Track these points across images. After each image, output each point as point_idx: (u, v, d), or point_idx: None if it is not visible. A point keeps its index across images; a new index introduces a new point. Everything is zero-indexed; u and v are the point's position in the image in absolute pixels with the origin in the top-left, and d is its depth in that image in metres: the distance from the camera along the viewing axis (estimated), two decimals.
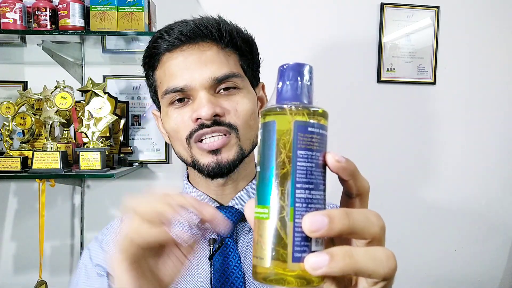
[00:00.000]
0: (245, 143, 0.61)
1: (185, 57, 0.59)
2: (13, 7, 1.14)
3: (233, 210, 0.62)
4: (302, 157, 0.29)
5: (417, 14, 1.55)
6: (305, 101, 0.31)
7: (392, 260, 0.29)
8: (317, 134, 0.30)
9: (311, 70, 0.32)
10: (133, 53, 1.44)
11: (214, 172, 0.59)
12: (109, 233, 0.68)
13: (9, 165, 1.16)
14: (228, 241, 0.60)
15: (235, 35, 0.62)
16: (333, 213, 0.27)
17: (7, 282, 1.46)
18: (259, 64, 0.69)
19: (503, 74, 1.61)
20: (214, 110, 0.57)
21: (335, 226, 0.27)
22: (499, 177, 1.63)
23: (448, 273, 1.62)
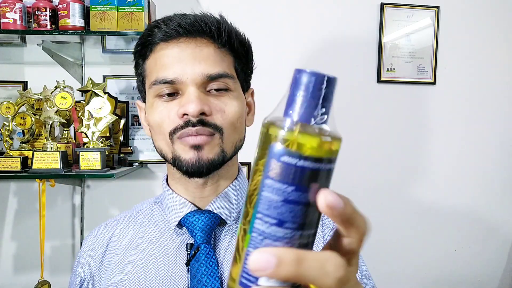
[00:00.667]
0: (228, 145, 0.59)
1: (180, 49, 0.57)
2: (13, 7, 1.14)
3: (210, 215, 0.60)
4: (268, 186, 0.25)
5: (417, 14, 1.55)
6: (311, 120, 0.25)
7: (341, 271, 0.25)
8: (296, 167, 0.25)
9: (331, 82, 0.25)
10: None
11: (193, 169, 0.57)
12: (82, 251, 0.67)
13: (9, 165, 1.16)
14: (204, 246, 0.59)
15: (233, 37, 0.61)
16: (284, 256, 0.24)
17: (7, 282, 1.46)
18: (252, 69, 0.68)
19: (503, 74, 1.61)
20: (201, 107, 0.55)
21: (281, 271, 0.24)
22: (499, 177, 1.63)
23: (448, 273, 1.63)
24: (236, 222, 0.63)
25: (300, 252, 0.25)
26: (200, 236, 0.59)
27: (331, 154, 0.25)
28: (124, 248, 0.64)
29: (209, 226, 0.60)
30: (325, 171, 0.25)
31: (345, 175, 1.54)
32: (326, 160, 0.25)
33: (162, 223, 0.65)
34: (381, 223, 1.57)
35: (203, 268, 0.57)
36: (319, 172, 0.25)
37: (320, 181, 0.25)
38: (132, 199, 1.48)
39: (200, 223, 0.59)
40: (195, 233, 0.59)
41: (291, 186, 0.25)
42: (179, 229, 0.62)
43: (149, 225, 0.65)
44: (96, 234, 0.67)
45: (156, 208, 0.68)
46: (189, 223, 0.60)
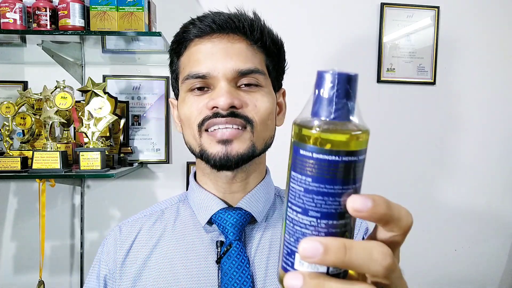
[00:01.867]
0: (259, 141, 0.59)
1: (213, 45, 0.58)
2: (13, 7, 1.14)
3: (242, 212, 0.60)
4: (293, 177, 0.28)
5: (417, 14, 1.55)
6: (335, 117, 0.27)
7: (388, 259, 0.26)
8: (314, 160, 0.27)
9: (352, 80, 0.27)
10: (133, 53, 1.44)
11: (221, 162, 0.57)
12: (105, 247, 0.66)
13: (9, 165, 1.16)
14: (237, 244, 0.58)
15: (266, 34, 0.61)
16: (330, 244, 0.25)
17: (7, 282, 1.46)
18: (284, 69, 0.68)
19: (503, 74, 1.61)
20: (232, 101, 0.55)
21: (328, 258, 0.25)
22: (499, 177, 1.63)
23: (448, 273, 1.63)
24: (265, 221, 0.63)
25: (346, 240, 0.26)
26: (233, 233, 0.59)
27: (347, 147, 0.26)
28: (151, 247, 0.63)
29: (241, 223, 0.59)
30: (342, 163, 0.26)
31: None
32: (341, 153, 0.26)
33: (190, 220, 0.64)
34: None
35: (235, 266, 0.57)
36: (336, 164, 0.26)
37: (338, 173, 0.27)
38: (132, 199, 1.48)
39: (232, 220, 0.59)
40: (227, 230, 0.59)
41: (308, 177, 0.27)
42: (208, 226, 0.62)
43: (176, 223, 0.65)
44: (119, 231, 0.66)
45: (182, 206, 0.67)
46: (220, 219, 0.60)
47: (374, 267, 0.26)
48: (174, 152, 1.50)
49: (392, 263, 0.26)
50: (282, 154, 0.86)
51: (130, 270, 0.62)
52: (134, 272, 0.62)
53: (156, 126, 1.47)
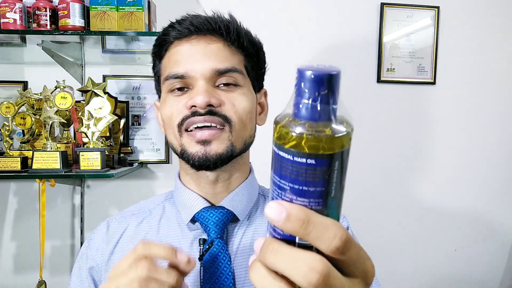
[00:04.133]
0: (238, 140, 0.60)
1: (191, 46, 0.60)
2: (13, 7, 1.14)
3: (224, 211, 0.61)
4: (272, 177, 0.29)
5: (417, 14, 1.55)
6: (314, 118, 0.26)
7: (312, 275, 0.26)
8: (289, 161, 0.27)
9: (332, 79, 0.26)
10: (133, 53, 1.44)
11: (200, 162, 0.58)
12: (93, 241, 0.67)
13: (9, 165, 1.16)
14: (218, 241, 0.59)
15: (242, 35, 0.63)
16: (293, 212, 0.27)
17: (7, 282, 1.46)
18: (264, 70, 0.70)
19: (503, 74, 1.61)
20: (209, 99, 0.57)
21: (288, 225, 0.26)
22: (499, 177, 1.63)
23: (448, 273, 1.63)
24: (247, 219, 0.65)
25: (309, 213, 0.27)
26: (214, 231, 0.60)
27: (323, 150, 0.26)
28: (136, 243, 0.64)
29: (223, 221, 0.61)
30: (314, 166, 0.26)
31: None
32: (316, 156, 0.26)
33: (174, 218, 0.65)
34: (381, 223, 1.57)
35: (216, 263, 0.58)
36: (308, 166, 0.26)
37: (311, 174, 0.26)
38: (132, 199, 1.47)
39: (214, 218, 0.60)
40: (209, 228, 0.60)
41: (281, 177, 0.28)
42: (192, 225, 0.63)
43: (161, 221, 0.66)
44: (107, 227, 0.68)
45: (167, 204, 0.69)
46: (203, 218, 0.61)
47: (324, 244, 0.27)
48: (174, 152, 1.49)
49: (342, 245, 0.27)
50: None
51: None
52: None
53: (156, 126, 1.47)
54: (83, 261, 0.66)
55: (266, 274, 0.28)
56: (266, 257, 0.28)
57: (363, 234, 1.01)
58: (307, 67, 0.26)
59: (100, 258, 0.65)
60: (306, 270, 0.26)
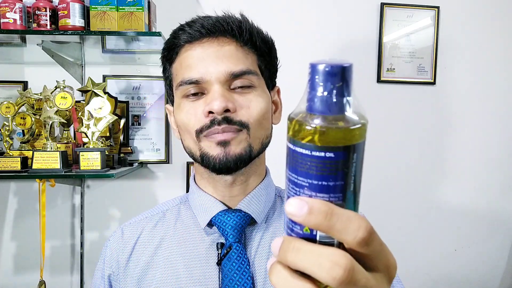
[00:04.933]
0: (255, 141, 0.60)
1: (203, 49, 0.59)
2: (13, 7, 1.14)
3: (241, 214, 0.61)
4: (287, 173, 0.29)
5: (417, 14, 1.55)
6: (328, 111, 0.26)
7: (336, 270, 0.25)
8: (290, 150, 0.27)
9: (345, 71, 0.26)
10: (133, 53, 1.44)
11: (221, 164, 0.57)
12: (108, 248, 0.67)
13: (9, 165, 1.16)
14: (237, 246, 0.59)
15: (255, 35, 0.62)
16: (315, 206, 0.26)
17: (7, 282, 1.46)
18: (276, 67, 0.69)
19: (503, 74, 1.61)
20: (226, 104, 0.56)
21: (311, 219, 0.26)
22: (499, 177, 1.63)
23: (448, 273, 1.63)
24: (265, 222, 0.64)
25: (331, 205, 0.26)
26: (232, 235, 0.59)
27: (340, 142, 0.26)
28: (153, 249, 0.64)
29: (240, 225, 0.60)
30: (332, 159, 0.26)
31: None
32: (334, 148, 0.26)
33: (190, 222, 0.65)
34: (381, 223, 1.56)
35: (235, 267, 0.58)
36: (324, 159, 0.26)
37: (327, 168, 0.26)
38: (132, 199, 1.48)
39: (232, 222, 0.60)
40: (227, 232, 0.60)
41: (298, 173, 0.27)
42: (209, 229, 0.63)
43: (177, 225, 0.65)
44: (121, 233, 0.67)
45: (183, 207, 0.68)
46: (220, 222, 0.60)
47: (349, 236, 0.26)
48: (174, 152, 1.50)
49: (367, 236, 0.26)
50: (282, 153, 0.86)
51: (133, 272, 0.63)
52: (137, 274, 0.62)
53: (156, 126, 1.47)
54: (101, 269, 0.67)
55: (287, 275, 0.27)
56: (287, 256, 0.27)
57: None
58: (320, 61, 0.26)
59: (116, 265, 0.64)
60: (329, 265, 0.25)
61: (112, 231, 1.48)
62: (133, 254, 0.64)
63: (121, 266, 0.64)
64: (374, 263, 0.28)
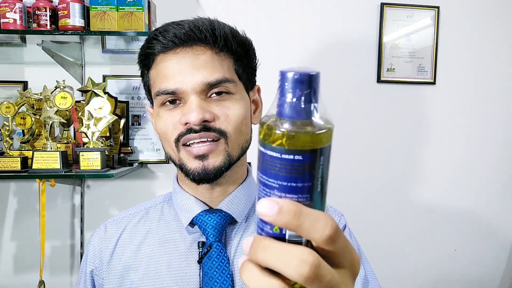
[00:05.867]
0: (234, 149, 0.60)
1: (178, 60, 0.58)
2: (13, 7, 1.14)
3: (222, 214, 0.62)
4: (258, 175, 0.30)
5: (417, 14, 1.55)
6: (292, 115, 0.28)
7: (303, 267, 0.26)
8: (259, 150, 0.29)
9: (313, 79, 0.27)
10: (133, 53, 1.44)
11: (199, 177, 0.58)
12: (91, 244, 0.68)
13: (9, 165, 1.16)
14: (217, 245, 0.60)
15: (230, 39, 0.61)
16: (285, 205, 0.27)
17: (7, 282, 1.46)
18: (255, 67, 0.68)
19: (503, 74, 1.61)
20: (203, 116, 0.56)
21: (281, 218, 0.27)
22: (499, 177, 1.63)
23: (448, 273, 1.62)
24: (246, 221, 0.65)
25: (300, 205, 0.27)
26: (213, 234, 0.61)
27: (304, 146, 0.27)
28: (135, 246, 0.65)
29: (221, 225, 0.61)
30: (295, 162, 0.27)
31: (345, 175, 1.54)
32: (297, 152, 0.27)
33: (173, 221, 0.66)
34: (381, 223, 1.57)
35: (215, 266, 0.59)
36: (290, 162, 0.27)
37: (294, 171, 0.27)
38: (132, 199, 1.48)
39: (212, 222, 0.61)
40: (207, 231, 0.61)
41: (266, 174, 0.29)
42: (190, 228, 0.64)
43: (160, 223, 0.67)
44: (104, 229, 0.69)
45: (166, 206, 0.69)
46: (201, 222, 0.62)
47: (316, 233, 0.27)
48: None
49: (333, 233, 0.27)
50: None
51: (116, 268, 0.64)
52: (120, 270, 0.64)
53: None
54: (84, 265, 0.68)
55: (258, 273, 0.28)
56: (257, 255, 0.28)
57: (363, 234, 1.01)
58: (290, 69, 0.28)
59: (99, 261, 0.66)
60: (297, 263, 0.26)
61: None
62: (116, 251, 0.65)
63: (104, 262, 0.65)
64: (339, 259, 0.29)
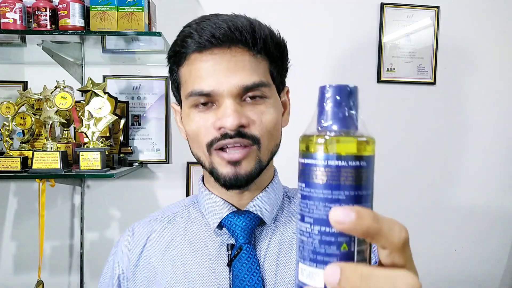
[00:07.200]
0: (265, 154, 0.59)
1: (215, 61, 0.56)
2: (13, 7, 1.14)
3: (251, 215, 0.61)
4: (300, 188, 0.30)
5: (417, 14, 1.55)
6: (335, 127, 0.29)
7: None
8: (303, 165, 0.29)
9: (351, 92, 0.29)
10: (133, 53, 1.44)
11: (231, 183, 0.58)
12: (119, 248, 0.67)
13: (9, 165, 1.16)
14: (247, 247, 0.59)
15: (268, 42, 0.59)
16: (363, 212, 0.26)
17: (7, 282, 1.46)
18: (287, 68, 0.67)
19: (503, 74, 1.61)
20: (239, 121, 0.55)
21: (361, 223, 0.26)
22: (499, 176, 1.63)
23: (448, 273, 1.62)
24: (274, 223, 0.64)
25: (372, 211, 0.27)
26: (242, 236, 0.60)
27: (350, 152, 0.28)
28: (162, 249, 0.64)
29: (250, 226, 0.60)
30: (343, 168, 0.28)
31: None
32: (343, 158, 0.28)
33: (200, 224, 0.65)
34: None
35: (245, 268, 0.58)
36: (339, 169, 0.28)
37: (342, 178, 0.28)
38: (132, 199, 1.48)
39: (241, 223, 0.60)
40: (236, 233, 0.60)
41: (302, 183, 0.29)
42: (219, 230, 0.63)
43: (188, 226, 0.66)
44: (132, 233, 0.68)
45: (192, 209, 0.68)
46: (230, 223, 0.61)
47: (395, 236, 0.27)
48: (174, 152, 1.50)
49: (408, 236, 0.27)
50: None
51: (143, 272, 0.63)
52: (148, 274, 0.63)
53: (156, 126, 1.47)
54: (110, 268, 0.67)
55: None
56: (356, 286, 0.26)
57: None
58: (330, 84, 0.29)
59: (126, 265, 0.65)
60: None
61: (112, 231, 1.48)
62: (143, 254, 0.64)
63: (132, 265, 0.64)
64: (411, 266, 0.29)
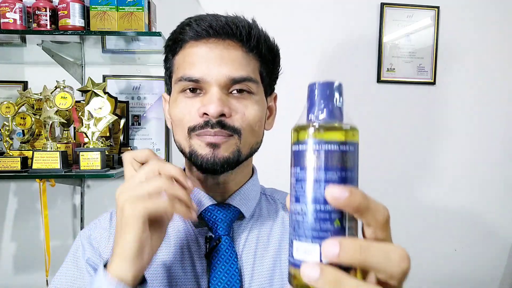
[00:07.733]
0: (245, 147, 0.60)
1: (208, 49, 0.59)
2: (13, 7, 1.14)
3: (231, 208, 0.63)
4: (292, 174, 0.33)
5: (417, 14, 1.55)
6: (323, 117, 0.32)
7: (405, 262, 0.29)
8: (294, 151, 0.32)
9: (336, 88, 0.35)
10: (133, 53, 1.44)
11: (207, 165, 0.58)
12: (97, 229, 0.67)
13: (9, 165, 1.16)
14: (226, 238, 0.60)
15: (262, 43, 0.62)
16: (355, 191, 0.29)
17: (7, 282, 1.46)
18: (277, 75, 0.69)
19: (503, 74, 1.61)
20: (222, 109, 0.56)
21: (354, 200, 0.29)
22: (499, 177, 1.63)
23: (448, 273, 1.62)
24: (252, 218, 0.66)
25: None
26: (222, 228, 0.61)
27: (337, 138, 0.31)
28: None
29: (230, 219, 0.62)
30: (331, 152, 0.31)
31: None
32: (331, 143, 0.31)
33: (178, 215, 0.65)
34: None
35: (223, 260, 0.59)
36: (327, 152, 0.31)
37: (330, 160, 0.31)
38: None
39: (221, 215, 0.61)
40: (217, 225, 0.61)
41: (296, 167, 0.32)
42: (198, 222, 0.64)
43: None
44: (110, 217, 0.68)
45: None
46: (210, 215, 0.62)
47: (379, 216, 0.30)
48: (174, 152, 1.50)
49: (388, 216, 0.30)
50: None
51: None
52: None
53: (156, 126, 1.47)
54: (80, 251, 0.64)
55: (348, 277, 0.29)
56: (354, 256, 0.28)
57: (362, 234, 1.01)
58: (317, 80, 0.34)
59: (103, 249, 0.63)
60: (398, 258, 0.29)
61: None
62: None
63: (106, 252, 0.63)
64: None
